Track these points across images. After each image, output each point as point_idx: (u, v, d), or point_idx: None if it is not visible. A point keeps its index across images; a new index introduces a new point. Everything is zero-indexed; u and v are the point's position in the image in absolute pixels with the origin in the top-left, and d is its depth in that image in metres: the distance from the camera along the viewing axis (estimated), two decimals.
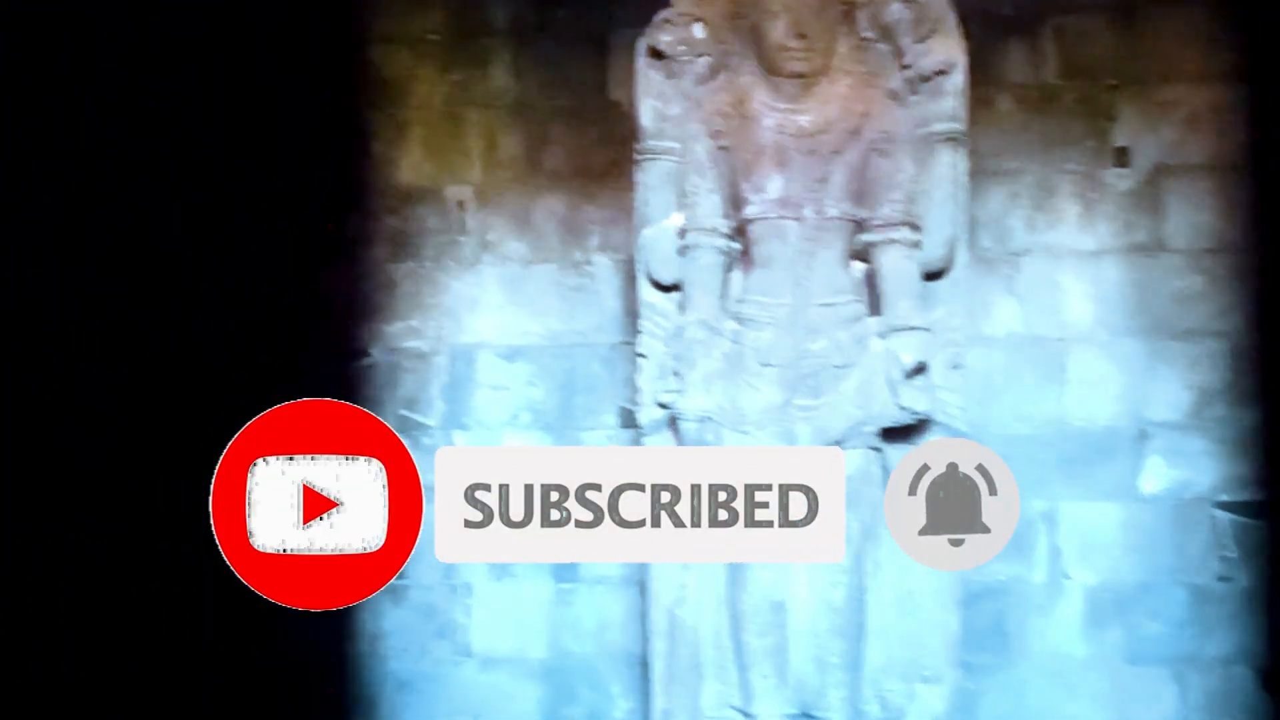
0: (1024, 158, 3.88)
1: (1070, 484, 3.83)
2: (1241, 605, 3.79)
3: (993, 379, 3.83)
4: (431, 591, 3.88)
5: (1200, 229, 3.84)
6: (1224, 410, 3.81)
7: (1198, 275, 3.83)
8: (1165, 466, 3.81)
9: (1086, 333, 3.85)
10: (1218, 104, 3.84)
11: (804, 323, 2.65)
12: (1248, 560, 3.79)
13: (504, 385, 3.91)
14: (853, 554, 2.64)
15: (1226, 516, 3.79)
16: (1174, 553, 3.80)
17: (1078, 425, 3.83)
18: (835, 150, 2.64)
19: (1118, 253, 3.85)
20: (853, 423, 2.64)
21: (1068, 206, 3.87)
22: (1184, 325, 3.82)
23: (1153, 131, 3.85)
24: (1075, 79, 3.89)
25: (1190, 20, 3.85)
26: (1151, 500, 3.81)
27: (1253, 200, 3.82)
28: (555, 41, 3.95)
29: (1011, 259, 3.88)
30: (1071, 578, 3.82)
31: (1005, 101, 3.88)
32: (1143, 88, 3.86)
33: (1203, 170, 3.84)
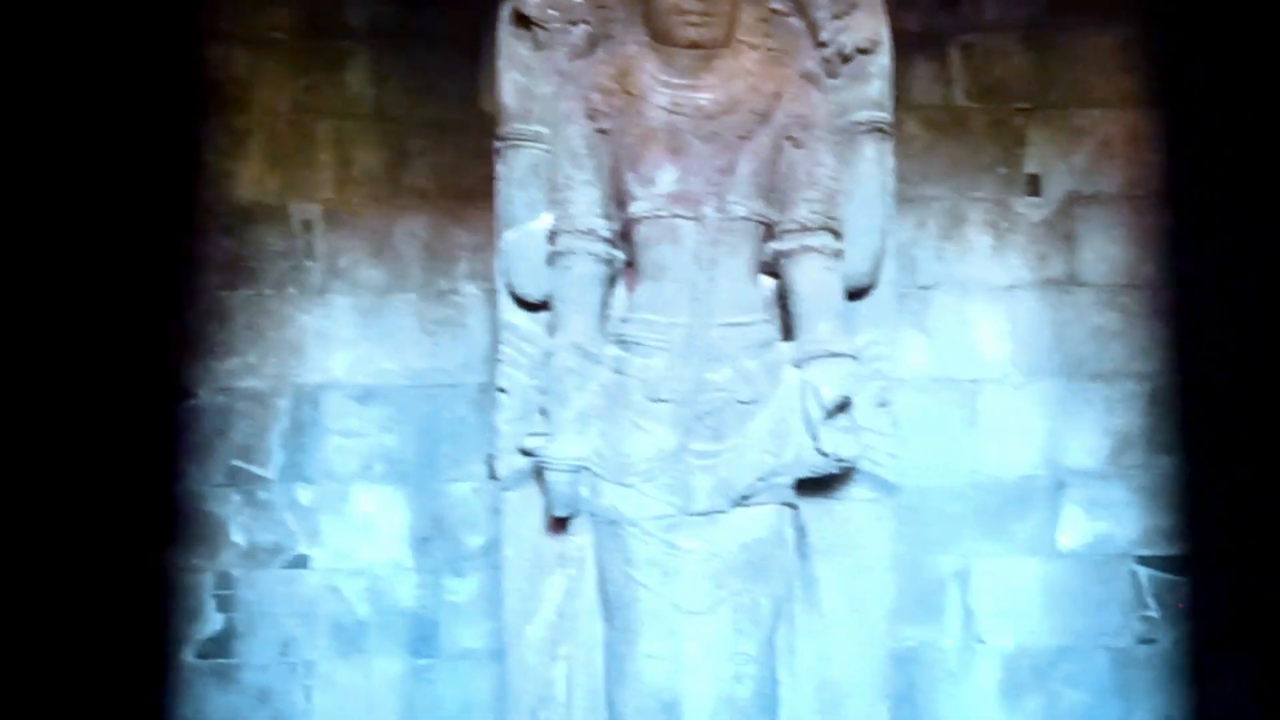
0: (932, 184, 3.36)
1: (984, 539, 3.31)
2: (1164, 669, 3.29)
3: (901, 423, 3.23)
4: (265, 672, 3.11)
5: (1115, 262, 3.37)
6: (1143, 457, 3.33)
7: (1114, 312, 3.35)
8: (1084, 519, 3.32)
9: (1000, 373, 3.33)
10: (1132, 130, 3.38)
11: (703, 348, 1.96)
12: (1170, 619, 3.30)
13: (356, 431, 3.22)
14: (762, 637, 1.96)
15: (1147, 572, 3.31)
16: (1094, 613, 3.33)
17: (991, 474, 3.32)
18: (741, 136, 1.98)
19: (1031, 287, 3.35)
20: (762, 472, 1.96)
21: (978, 237, 3.36)
22: (1101, 365, 3.34)
23: (1065, 159, 3.38)
24: (985, 101, 3.39)
25: (1103, 43, 3.40)
26: (1070, 556, 3.31)
27: (1170, 232, 3.34)
28: (420, 45, 3.29)
29: (920, 293, 3.34)
30: (986, 641, 3.28)
31: (912, 124, 3.35)
32: (1055, 112, 3.39)
33: (1117, 200, 3.37)
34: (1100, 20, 3.38)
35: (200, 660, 3.15)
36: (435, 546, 3.20)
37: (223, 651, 3.15)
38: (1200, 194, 3.36)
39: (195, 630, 3.15)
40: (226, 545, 3.17)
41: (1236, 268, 3.34)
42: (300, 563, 3.17)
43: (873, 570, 2.07)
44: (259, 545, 3.16)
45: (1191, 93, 3.37)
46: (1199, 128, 3.37)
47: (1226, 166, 3.35)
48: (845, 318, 2.04)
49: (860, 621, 2.05)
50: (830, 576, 2.05)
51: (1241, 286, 3.34)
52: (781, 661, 2.02)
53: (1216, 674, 3.29)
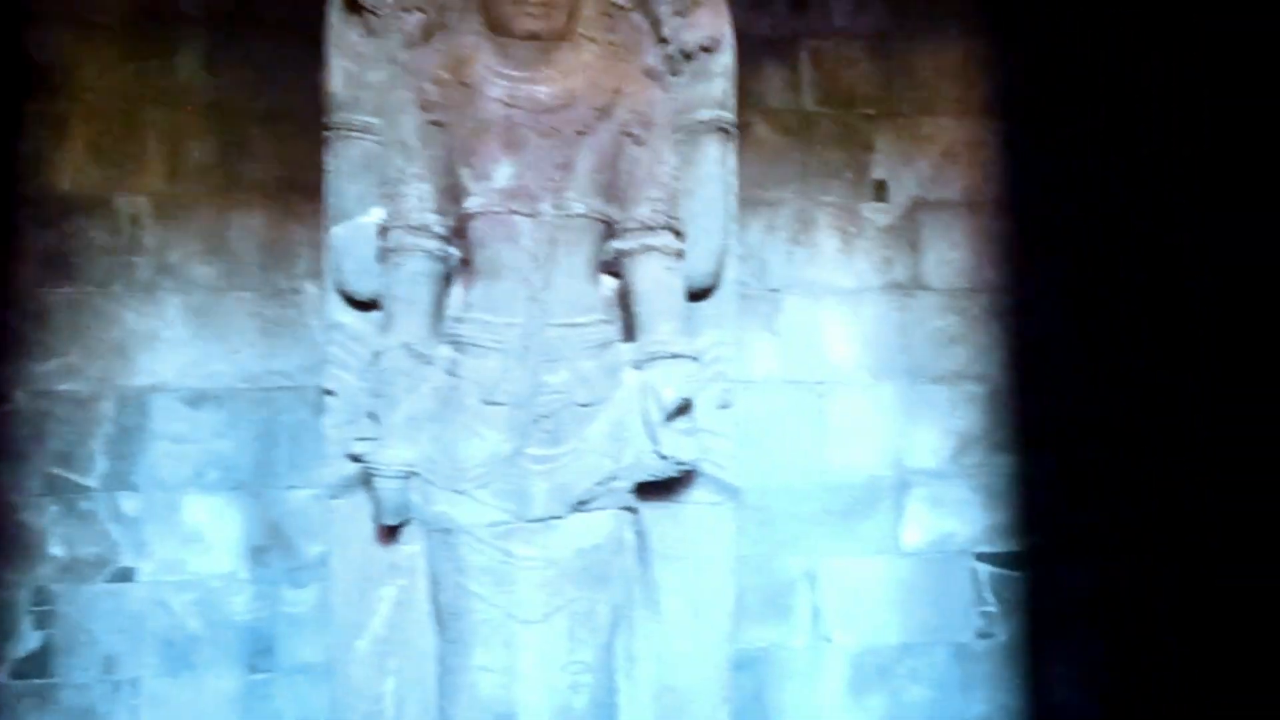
0: (783, 187, 3.36)
1: (832, 539, 3.32)
2: (1002, 662, 3.35)
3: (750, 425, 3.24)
4: (87, 691, 2.91)
5: (957, 267, 3.42)
6: (983, 456, 3.39)
7: (955, 315, 3.40)
8: (927, 517, 3.36)
9: (847, 375, 3.34)
10: (974, 139, 3.44)
11: (540, 349, 1.89)
12: (1008, 614, 3.37)
13: (186, 437, 3.04)
14: (600, 645, 1.89)
15: (986, 569, 3.36)
16: (935, 609, 3.36)
17: (839, 475, 3.33)
18: (580, 131, 1.90)
19: (877, 291, 3.38)
20: (601, 477, 1.90)
21: (827, 240, 3.37)
22: (943, 368, 3.38)
23: (909, 165, 3.41)
24: (834, 107, 3.41)
25: (947, 52, 3.44)
26: (913, 554, 3.35)
27: (1009, 238, 3.42)
28: (259, 31, 3.12)
29: (770, 295, 3.33)
30: (833, 640, 3.29)
31: (763, 127, 3.35)
32: (901, 120, 3.42)
33: (959, 206, 3.42)
34: (944, 31, 3.43)
35: (15, 681, 2.92)
36: (272, 556, 3.04)
37: (40, 671, 2.93)
38: (1037, 201, 3.45)
39: (9, 649, 2.93)
40: (44, 558, 2.95)
41: (1070, 273, 3.44)
42: (125, 576, 2.97)
43: (714, 573, 2.03)
44: (80, 558, 2.95)
45: (1030, 104, 3.46)
46: (1037, 138, 3.46)
47: (1062, 175, 3.45)
48: (687, 318, 1.99)
49: (701, 625, 2.01)
50: (671, 581, 1.99)
51: (1074, 291, 3.44)
52: (620, 669, 1.96)
53: (1049, 664, 3.37)
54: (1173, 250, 3.42)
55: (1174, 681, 3.35)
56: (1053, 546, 3.40)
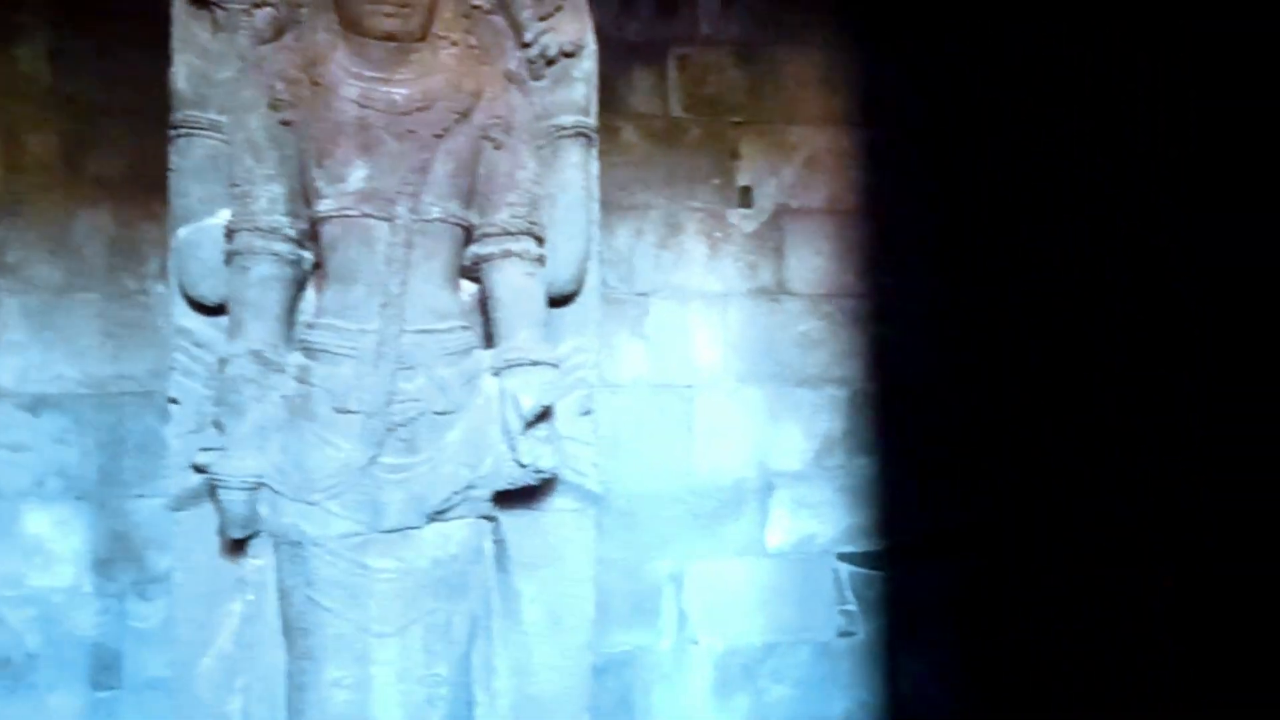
0: (650, 192, 3.37)
1: (698, 542, 3.35)
2: (862, 660, 3.43)
3: (619, 429, 3.26)
4: None
5: (820, 273, 3.49)
6: (844, 458, 3.45)
7: (818, 320, 3.46)
8: (790, 519, 3.41)
9: (714, 379, 3.37)
10: (837, 147, 3.50)
11: (396, 356, 1.84)
12: (868, 612, 3.45)
13: (25, 445, 2.90)
14: (457, 657, 1.86)
15: (847, 568, 3.43)
16: (798, 609, 3.42)
17: (706, 478, 3.35)
18: (438, 134, 1.86)
19: (743, 295, 3.42)
20: (459, 485, 1.86)
21: (694, 246, 3.39)
22: (807, 371, 3.45)
23: (775, 173, 3.46)
24: (701, 113, 3.43)
25: (811, 62, 3.50)
26: (777, 555, 3.40)
27: (871, 244, 3.50)
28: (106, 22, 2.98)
29: (637, 300, 3.33)
30: (699, 643, 3.31)
31: (630, 132, 3.36)
32: (766, 127, 3.47)
33: (823, 213, 3.48)
34: (809, 41, 3.49)
35: None
36: (118, 569, 2.91)
37: None
38: (898, 209, 3.53)
39: None
40: None
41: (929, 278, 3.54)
42: None
43: (575, 581, 2.02)
44: None
45: (891, 113, 3.54)
46: (898, 146, 3.55)
47: (922, 183, 3.54)
48: (548, 325, 1.97)
49: (562, 634, 1.99)
50: (531, 589, 1.97)
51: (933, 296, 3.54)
52: (479, 681, 1.93)
53: (907, 660, 3.47)
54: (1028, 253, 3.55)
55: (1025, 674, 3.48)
56: (911, 546, 3.49)
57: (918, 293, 3.54)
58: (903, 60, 3.53)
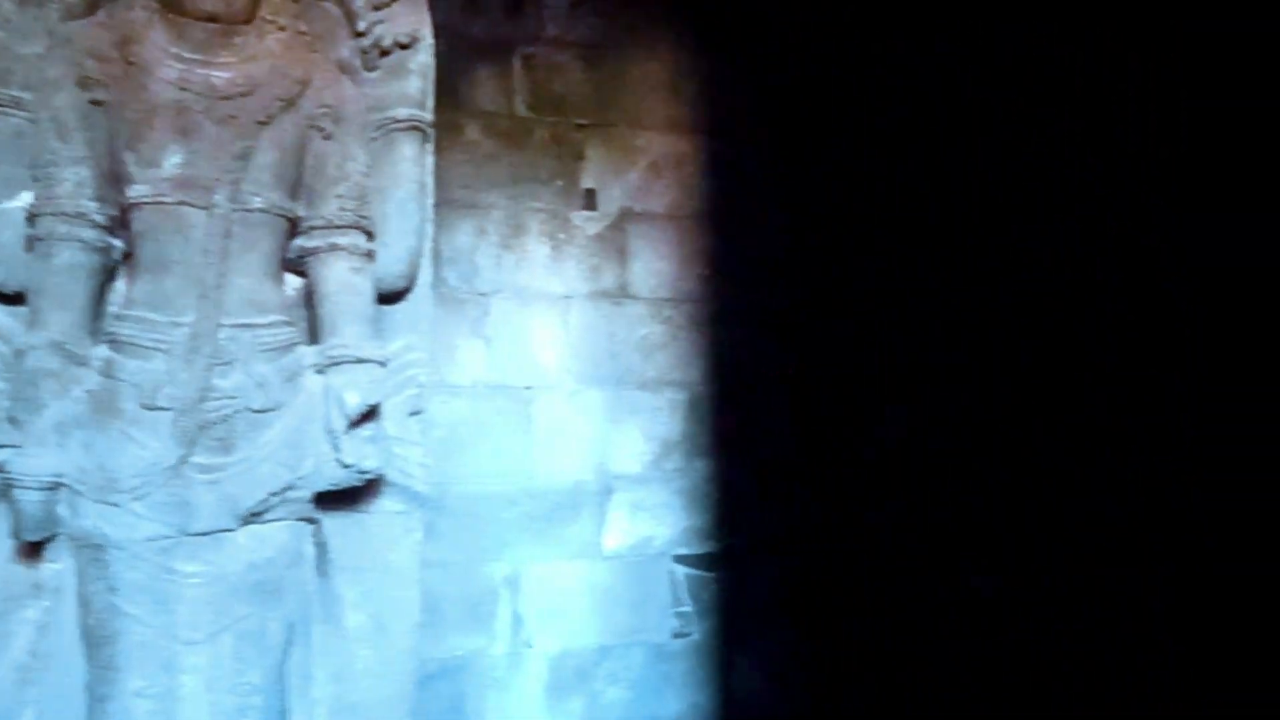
0: (494, 192, 3.32)
1: (535, 545, 3.32)
2: (697, 661, 3.46)
3: (457, 430, 3.21)
4: None
5: (662, 277, 3.50)
6: (682, 461, 3.48)
7: (659, 324, 3.47)
8: (628, 522, 3.42)
9: (554, 381, 3.35)
10: (680, 153, 3.53)
11: (211, 350, 1.76)
12: (703, 613, 3.49)
13: None
14: (271, 664, 1.79)
15: (684, 570, 3.45)
16: (633, 612, 3.43)
17: (543, 480, 3.33)
18: (261, 122, 1.79)
19: (585, 298, 3.40)
20: (277, 486, 1.80)
21: (537, 247, 3.37)
22: (647, 374, 3.46)
23: (619, 176, 3.46)
24: (546, 114, 3.41)
25: (658, 68, 3.52)
26: (614, 558, 3.40)
27: (712, 250, 3.54)
28: None
29: (478, 299, 3.28)
30: (534, 646, 3.29)
31: (474, 130, 3.31)
32: (611, 130, 3.47)
33: (666, 218, 3.50)
34: (655, 46, 3.51)
35: None
36: None
37: None
38: (739, 215, 3.59)
39: None
40: None
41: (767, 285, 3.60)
42: None
43: (400, 585, 1.97)
44: None
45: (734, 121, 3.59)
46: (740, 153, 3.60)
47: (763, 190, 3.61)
48: (376, 322, 1.92)
49: (385, 639, 1.94)
50: (354, 594, 1.92)
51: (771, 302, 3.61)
52: (295, 689, 1.86)
53: (740, 661, 3.52)
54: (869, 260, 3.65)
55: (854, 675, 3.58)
56: (746, 548, 3.55)
57: (757, 298, 3.60)
58: (748, 70, 3.59)
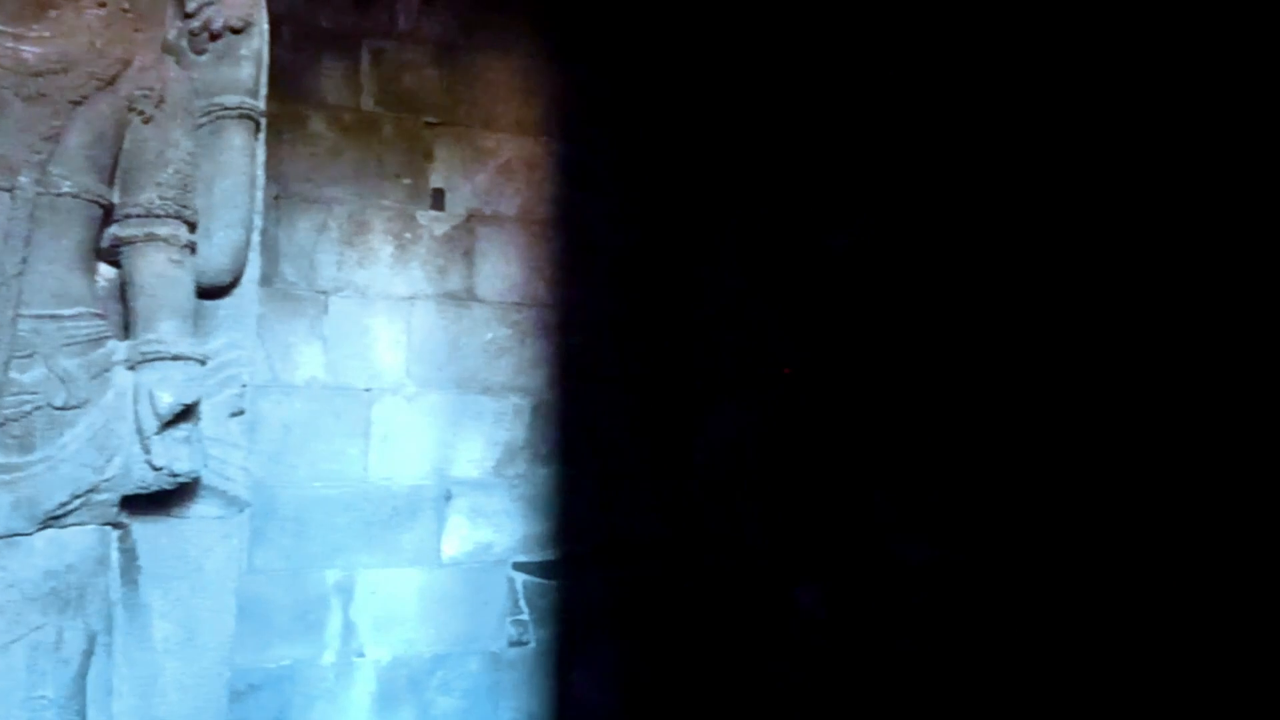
0: (337, 187, 3.24)
1: (370, 550, 3.24)
2: (533, 669, 3.43)
3: (291, 431, 3.11)
4: None
5: (510, 281, 3.47)
6: (525, 468, 3.45)
7: (506, 328, 3.44)
8: (467, 528, 3.37)
9: (395, 383, 3.28)
10: (532, 156, 3.50)
11: (10, 342, 1.64)
12: (540, 621, 3.46)
13: None
14: (69, 677, 1.68)
15: (522, 577, 3.43)
16: (470, 619, 3.39)
17: (381, 485, 3.25)
18: (75, 101, 1.69)
19: (430, 299, 3.34)
20: (80, 488, 1.69)
21: (381, 245, 3.30)
22: (492, 379, 3.42)
23: (469, 177, 3.42)
24: (395, 110, 3.34)
25: (512, 70, 3.50)
26: (451, 564, 3.34)
27: (560, 255, 3.52)
28: None
29: (318, 298, 3.19)
30: (365, 655, 3.20)
31: (318, 123, 3.22)
32: (462, 130, 3.43)
33: (515, 222, 3.48)
34: (509, 48, 3.49)
35: None
36: None
37: None
38: (588, 221, 3.58)
39: None
40: None
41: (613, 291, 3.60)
42: None
43: (214, 594, 1.88)
44: None
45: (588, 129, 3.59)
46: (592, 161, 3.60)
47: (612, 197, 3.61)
48: (196, 317, 1.83)
49: (196, 651, 1.85)
50: (162, 603, 1.82)
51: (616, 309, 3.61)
52: (95, 703, 1.75)
53: (576, 670, 3.50)
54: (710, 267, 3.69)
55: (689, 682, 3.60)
56: (588, 555, 3.54)
57: (604, 305, 3.60)
58: (602, 76, 3.59)
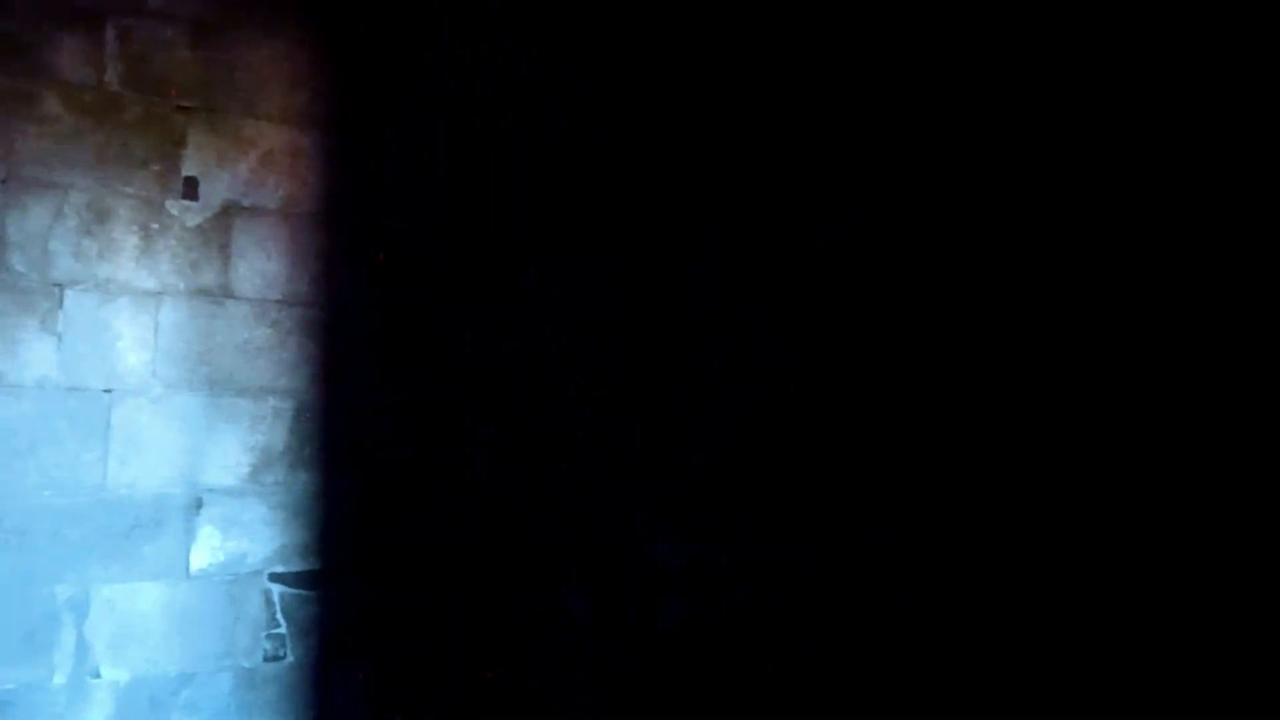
0: (75, 172, 2.99)
1: (108, 563, 3.02)
2: (289, 686, 3.30)
3: (17, 435, 2.86)
4: None
5: (269, 277, 3.30)
6: (284, 474, 3.30)
7: (265, 327, 3.27)
8: (219, 538, 3.18)
9: (139, 384, 3.06)
10: (296, 146, 3.33)
11: None
12: (299, 635, 3.31)
13: None
14: None
15: (280, 589, 3.27)
16: (221, 635, 3.21)
17: (121, 493, 3.03)
18: None
19: (180, 295, 3.13)
20: None
21: (125, 236, 3.07)
22: (248, 380, 3.24)
23: (227, 166, 3.22)
24: (144, 92, 3.11)
25: (277, 56, 3.31)
26: (201, 577, 3.15)
27: (326, 253, 3.37)
28: None
29: (52, 290, 2.94)
30: (102, 676, 2.98)
31: (54, 102, 2.97)
32: (220, 117, 3.22)
33: (276, 215, 3.30)
34: (275, 32, 3.30)
35: None
36: None
37: None
38: (355, 216, 3.44)
39: None
40: None
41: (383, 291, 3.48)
42: None
43: None
44: None
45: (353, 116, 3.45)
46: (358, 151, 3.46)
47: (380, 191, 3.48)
48: None
49: None
50: None
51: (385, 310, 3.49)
52: None
53: (336, 683, 3.36)
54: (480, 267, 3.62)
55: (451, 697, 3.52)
56: (350, 565, 3.40)
57: (371, 305, 3.47)
58: (376, 65, 3.46)
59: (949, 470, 3.46)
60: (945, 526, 3.46)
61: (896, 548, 3.49)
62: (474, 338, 3.60)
